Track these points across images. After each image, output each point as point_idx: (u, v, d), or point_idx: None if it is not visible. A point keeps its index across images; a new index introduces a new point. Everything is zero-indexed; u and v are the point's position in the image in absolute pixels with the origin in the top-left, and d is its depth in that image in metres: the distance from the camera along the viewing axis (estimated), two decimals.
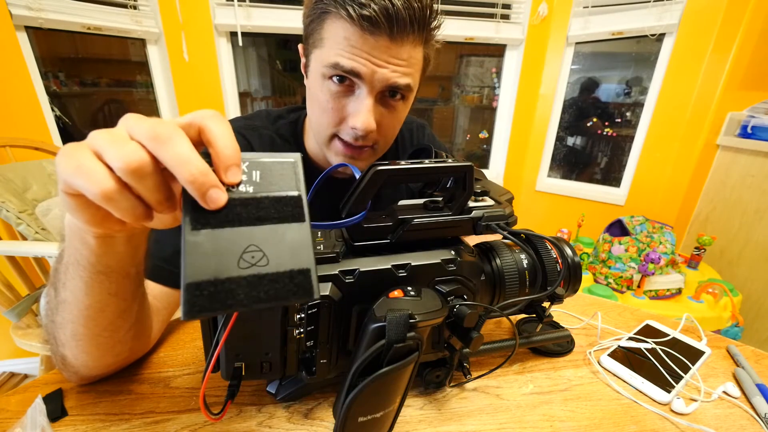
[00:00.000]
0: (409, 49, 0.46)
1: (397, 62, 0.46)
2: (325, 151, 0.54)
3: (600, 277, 1.49)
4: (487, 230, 0.39)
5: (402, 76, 0.47)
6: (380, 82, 0.46)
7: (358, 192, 0.32)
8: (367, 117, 0.47)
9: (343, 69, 0.45)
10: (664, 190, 1.70)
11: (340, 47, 0.45)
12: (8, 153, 1.12)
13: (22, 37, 1.24)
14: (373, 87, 0.47)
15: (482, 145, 2.11)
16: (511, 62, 1.87)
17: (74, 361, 0.37)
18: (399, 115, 0.53)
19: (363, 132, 0.48)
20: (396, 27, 0.43)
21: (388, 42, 0.44)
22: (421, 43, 0.48)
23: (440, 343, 0.38)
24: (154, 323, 0.46)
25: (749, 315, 1.52)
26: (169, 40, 1.48)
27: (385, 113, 0.50)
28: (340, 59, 0.45)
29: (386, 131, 0.52)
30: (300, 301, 0.22)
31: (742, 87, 1.51)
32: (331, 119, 0.50)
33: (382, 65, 0.45)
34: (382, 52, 0.44)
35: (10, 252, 0.93)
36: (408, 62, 0.47)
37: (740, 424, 0.40)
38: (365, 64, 0.45)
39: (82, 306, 0.33)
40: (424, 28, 0.46)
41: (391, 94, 0.49)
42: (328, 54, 0.46)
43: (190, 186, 0.21)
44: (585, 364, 0.48)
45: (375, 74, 0.45)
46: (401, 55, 0.46)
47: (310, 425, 0.38)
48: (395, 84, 0.47)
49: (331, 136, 0.52)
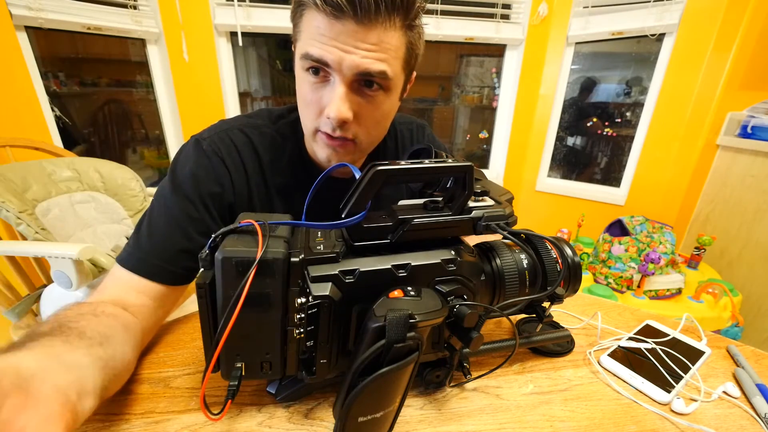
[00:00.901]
0: (380, 34, 0.44)
1: (367, 47, 0.44)
2: (313, 146, 0.54)
3: (600, 277, 1.49)
4: (487, 230, 0.39)
5: (374, 62, 0.45)
6: (350, 69, 0.45)
7: (358, 192, 0.32)
8: (338, 105, 0.46)
9: (312, 58, 0.45)
10: (664, 190, 1.70)
11: (311, 37, 0.45)
12: (8, 153, 1.12)
13: (22, 37, 1.24)
14: (344, 75, 0.46)
15: (482, 145, 2.11)
16: (511, 62, 1.87)
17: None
18: (381, 108, 0.51)
19: (336, 121, 0.47)
20: (360, 10, 0.42)
21: (355, 26, 0.43)
22: (396, 28, 0.46)
23: (440, 343, 0.38)
24: (148, 323, 0.46)
25: (749, 315, 1.52)
26: (169, 40, 1.48)
27: (362, 103, 0.49)
28: (309, 48, 0.45)
29: (366, 123, 0.51)
30: None
31: (742, 87, 1.51)
32: (312, 113, 0.50)
33: (349, 51, 0.44)
34: (349, 37, 0.44)
35: (10, 252, 0.93)
36: (380, 47, 0.45)
37: (740, 424, 0.40)
38: (332, 51, 0.44)
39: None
40: (395, 10, 0.44)
41: (367, 83, 0.48)
42: (302, 46, 0.46)
43: None
44: (585, 364, 0.48)
45: (343, 61, 0.44)
46: (370, 39, 0.44)
47: (310, 425, 0.38)
48: (366, 70, 0.45)
49: (315, 130, 0.51)
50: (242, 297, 0.28)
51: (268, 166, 0.57)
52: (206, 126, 0.58)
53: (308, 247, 0.33)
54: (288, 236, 0.33)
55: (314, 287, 0.32)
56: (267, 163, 0.57)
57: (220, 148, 0.54)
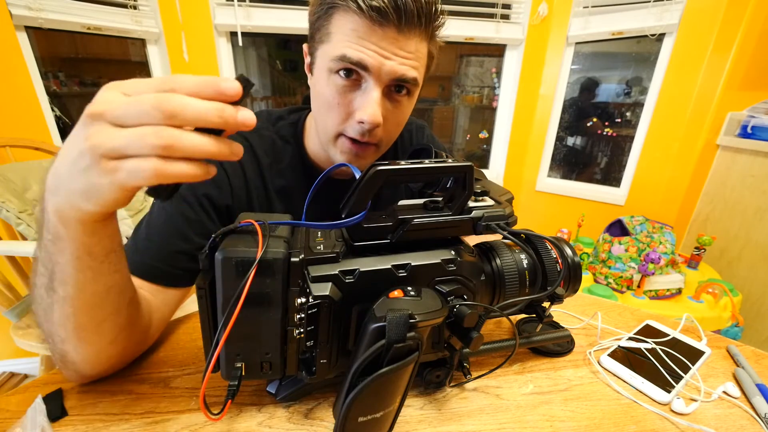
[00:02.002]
0: (416, 43, 0.46)
1: (405, 55, 0.45)
2: (330, 150, 0.53)
3: (600, 277, 1.49)
4: (487, 230, 0.39)
5: (410, 69, 0.46)
6: (388, 74, 0.46)
7: (358, 192, 0.32)
8: (375, 110, 0.46)
9: (350, 61, 0.45)
10: (664, 190, 1.70)
11: (347, 39, 0.44)
12: (8, 153, 1.12)
13: (22, 37, 1.24)
14: (381, 80, 0.46)
15: (482, 145, 2.11)
16: (511, 62, 1.87)
17: (76, 356, 0.37)
18: (404, 112, 0.52)
19: (370, 125, 0.47)
20: (404, 18, 0.43)
21: (396, 34, 0.44)
22: (426, 39, 0.48)
23: (440, 343, 0.38)
24: (153, 320, 0.46)
25: (749, 315, 1.52)
26: (169, 40, 1.48)
27: (390, 109, 0.50)
28: (347, 51, 0.44)
29: (390, 128, 0.52)
30: None
31: (742, 87, 1.51)
32: (337, 116, 0.49)
33: (389, 57, 0.45)
34: (390, 44, 0.44)
35: (10, 252, 0.93)
36: (415, 56, 0.46)
37: (740, 424, 0.40)
38: (373, 56, 0.44)
39: (89, 294, 0.33)
40: (430, 22, 0.46)
41: (397, 89, 0.49)
42: (335, 47, 0.46)
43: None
44: (585, 364, 0.48)
45: (383, 66, 0.45)
46: (409, 48, 0.45)
47: (310, 425, 0.38)
48: (403, 76, 0.46)
49: (337, 134, 0.51)
50: (242, 297, 0.28)
51: (268, 168, 0.57)
52: None
53: (308, 247, 0.33)
54: (288, 236, 0.33)
55: (314, 287, 0.32)
56: (266, 166, 0.57)
57: None
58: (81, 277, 0.32)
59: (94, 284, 0.33)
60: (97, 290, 0.34)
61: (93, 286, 0.33)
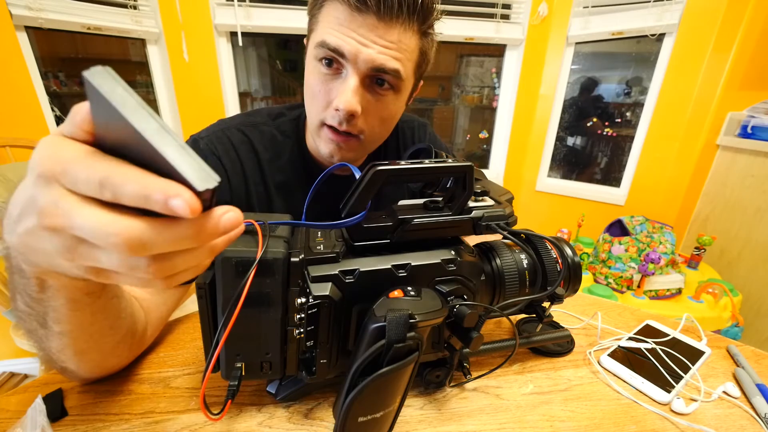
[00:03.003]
0: (399, 33, 0.45)
1: (385, 44, 0.45)
2: (316, 140, 0.53)
3: (600, 277, 1.49)
4: (487, 230, 0.39)
5: (390, 59, 0.46)
6: (365, 62, 0.45)
7: (358, 192, 0.32)
8: (349, 97, 0.46)
9: (328, 47, 0.45)
10: (664, 190, 1.70)
11: (329, 26, 0.45)
12: (8, 153, 1.12)
13: (22, 37, 1.24)
14: (358, 68, 0.46)
15: (482, 145, 2.11)
16: (511, 62, 1.87)
17: (76, 369, 0.38)
18: (389, 107, 0.51)
19: (345, 113, 0.47)
20: (383, 6, 0.43)
21: (376, 21, 0.44)
22: (414, 32, 0.47)
23: (440, 343, 0.38)
24: (151, 320, 0.46)
25: (749, 315, 1.52)
26: (169, 40, 1.48)
27: (371, 101, 0.49)
28: (326, 37, 0.45)
29: (373, 121, 0.51)
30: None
31: (742, 87, 1.51)
32: (319, 104, 0.49)
33: (367, 45, 0.44)
34: (369, 31, 0.44)
35: None
36: (397, 46, 0.46)
37: (740, 424, 0.40)
38: (350, 43, 0.44)
39: (87, 325, 0.33)
40: (416, 13, 0.45)
41: (379, 81, 0.48)
42: (318, 35, 0.46)
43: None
44: (585, 364, 0.48)
45: (359, 54, 0.45)
46: (389, 37, 0.45)
47: (310, 425, 0.38)
48: (382, 66, 0.45)
49: (321, 123, 0.51)
50: (242, 297, 0.28)
51: (268, 163, 0.57)
52: (206, 126, 0.58)
53: (308, 247, 0.33)
54: (288, 236, 0.33)
55: (314, 287, 0.32)
56: (266, 161, 0.57)
57: (217, 147, 0.54)
58: (80, 315, 0.31)
59: (94, 318, 0.32)
60: (96, 320, 0.33)
61: (93, 319, 0.32)
